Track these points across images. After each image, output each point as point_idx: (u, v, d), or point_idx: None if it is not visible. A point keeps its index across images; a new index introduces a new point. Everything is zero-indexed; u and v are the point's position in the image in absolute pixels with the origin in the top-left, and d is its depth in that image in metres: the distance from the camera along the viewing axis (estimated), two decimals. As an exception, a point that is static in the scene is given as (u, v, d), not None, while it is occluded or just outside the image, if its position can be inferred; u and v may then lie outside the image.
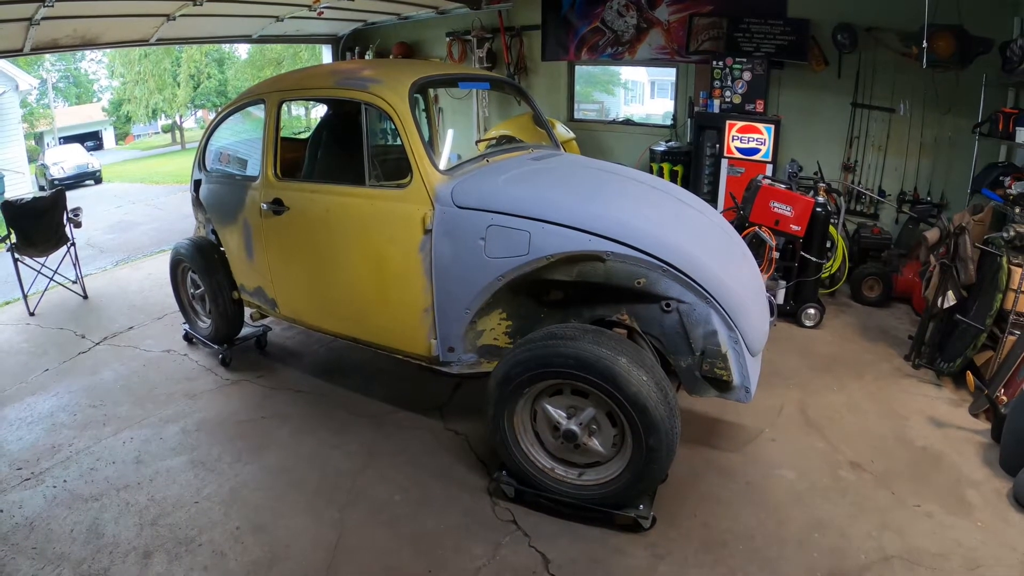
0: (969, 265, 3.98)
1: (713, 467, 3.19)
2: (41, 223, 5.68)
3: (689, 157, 6.64)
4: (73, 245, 5.92)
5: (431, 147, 3.23)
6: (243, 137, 4.27)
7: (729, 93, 6.18)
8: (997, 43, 4.82)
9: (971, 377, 3.76)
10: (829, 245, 4.93)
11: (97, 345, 4.87)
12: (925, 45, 4.68)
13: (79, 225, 5.92)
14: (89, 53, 30.07)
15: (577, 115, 8.39)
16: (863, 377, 4.09)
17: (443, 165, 3.12)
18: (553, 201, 2.80)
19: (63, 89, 31.84)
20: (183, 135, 31.38)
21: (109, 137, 33.27)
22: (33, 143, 25.22)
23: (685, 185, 6.36)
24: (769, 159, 5.93)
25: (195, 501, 3.02)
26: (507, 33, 8.03)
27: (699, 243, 2.79)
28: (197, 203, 4.38)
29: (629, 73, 17.40)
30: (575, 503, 2.78)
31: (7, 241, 5.58)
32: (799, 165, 5.79)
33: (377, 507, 2.96)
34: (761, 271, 3.87)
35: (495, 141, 4.50)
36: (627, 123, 8.19)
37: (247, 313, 4.29)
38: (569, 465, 2.82)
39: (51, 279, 5.81)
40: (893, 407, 3.73)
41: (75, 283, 6.01)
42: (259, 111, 3.78)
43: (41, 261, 5.76)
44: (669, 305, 2.64)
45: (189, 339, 4.77)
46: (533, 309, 3.02)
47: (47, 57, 26.55)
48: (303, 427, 3.64)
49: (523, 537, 2.74)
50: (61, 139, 26.47)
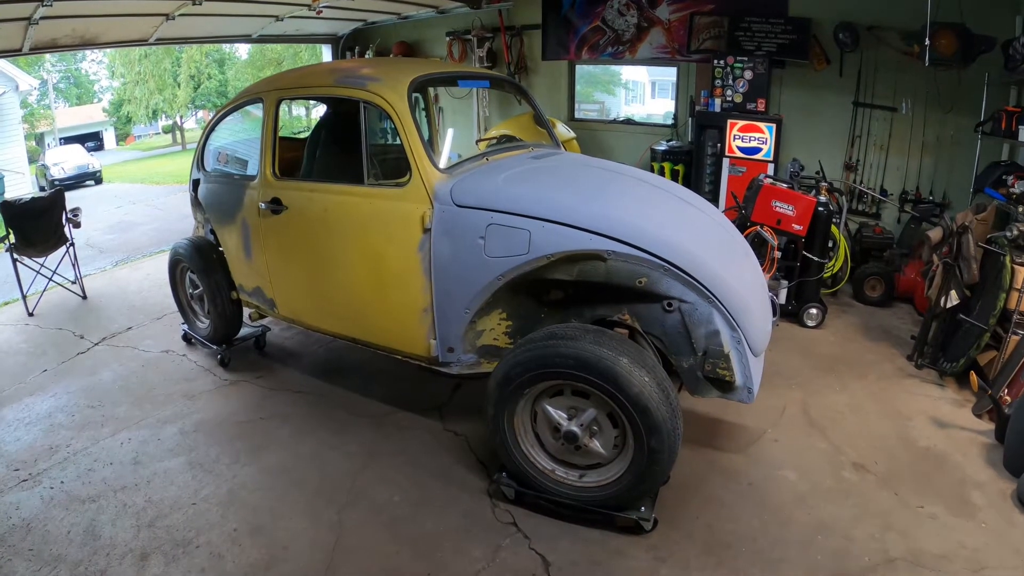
0: (972, 264, 3.96)
1: (715, 468, 3.17)
2: (40, 223, 5.68)
3: (690, 156, 6.61)
4: (72, 245, 5.91)
5: (431, 146, 3.21)
6: (242, 137, 4.26)
7: (730, 92, 6.15)
8: (999, 41, 4.79)
9: (974, 377, 3.74)
10: (831, 245, 4.91)
11: (96, 345, 4.86)
12: (927, 43, 4.66)
13: (78, 225, 5.91)
14: (89, 54, 30.15)
15: (578, 115, 8.37)
16: (866, 377, 4.07)
17: (443, 164, 3.10)
18: (553, 200, 2.78)
19: (63, 90, 31.90)
20: (183, 135, 31.42)
21: (110, 138, 33.32)
22: (34, 144, 25.26)
23: (686, 184, 6.32)
24: (771, 158, 5.91)
25: (193, 502, 3.00)
26: (507, 32, 8.01)
27: (701, 242, 2.77)
28: (196, 203, 4.36)
29: (630, 73, 17.39)
30: (576, 505, 2.76)
31: (6, 241, 5.57)
32: (801, 164, 5.76)
33: (376, 508, 2.95)
34: (763, 271, 3.85)
35: (495, 140, 4.47)
36: (628, 122, 8.17)
37: (246, 313, 4.28)
38: (570, 467, 2.80)
39: (50, 279, 5.80)
40: (896, 407, 3.70)
41: (74, 283, 6.00)
42: (257, 110, 3.76)
43: (40, 261, 5.75)
44: (671, 305, 2.62)
45: (188, 339, 4.75)
46: (533, 309, 3.00)
47: (47, 57, 26.59)
48: (302, 428, 3.62)
49: (523, 539, 2.72)
50: (62, 140, 26.52)
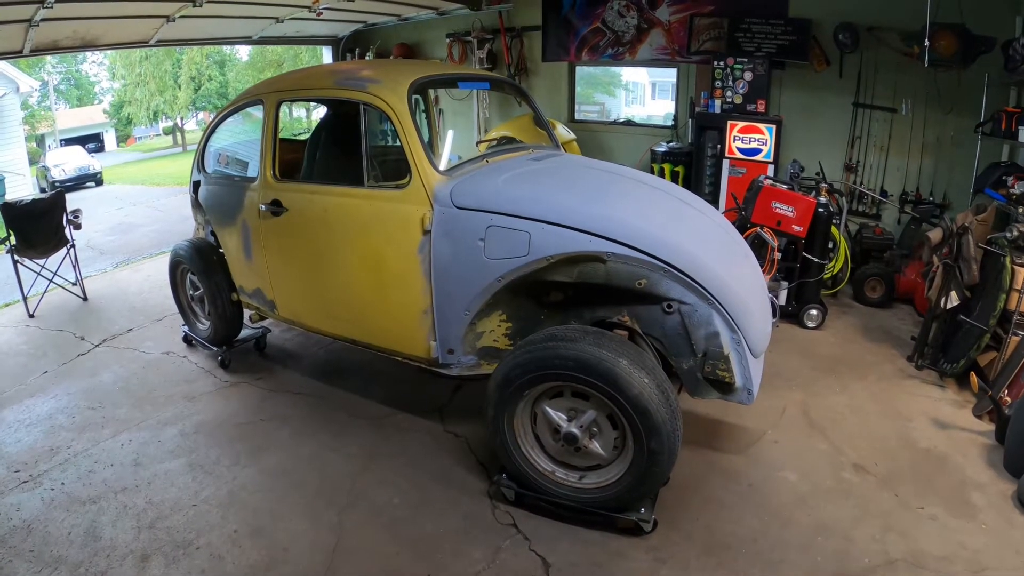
0: (972, 265, 3.96)
1: (715, 469, 3.16)
2: (41, 225, 5.68)
3: (690, 158, 6.61)
4: (73, 247, 5.91)
5: (431, 148, 3.22)
6: (242, 138, 4.26)
7: (730, 93, 6.16)
8: (999, 42, 4.79)
9: (975, 378, 3.74)
10: (831, 246, 4.91)
11: (96, 347, 4.86)
12: (927, 44, 4.66)
13: (79, 227, 5.92)
14: (90, 55, 30.19)
15: (578, 116, 8.37)
16: (866, 378, 4.06)
17: (443, 166, 3.10)
18: (553, 201, 2.78)
19: (64, 91, 31.94)
20: (184, 137, 31.45)
21: (110, 139, 33.36)
22: (34, 145, 25.28)
23: (686, 186, 6.33)
24: (771, 159, 5.91)
25: (193, 504, 3.00)
26: (507, 34, 8.01)
27: (701, 244, 2.77)
28: (196, 205, 4.36)
29: (630, 74, 17.38)
30: (576, 506, 2.76)
31: (7, 243, 5.58)
32: (801, 165, 5.76)
33: (376, 510, 2.95)
34: (763, 272, 3.85)
35: (495, 142, 4.48)
36: (628, 124, 8.17)
37: (246, 315, 4.28)
38: (570, 468, 2.79)
39: (51, 281, 5.80)
40: (896, 408, 3.70)
41: (75, 285, 6.00)
42: (258, 112, 3.77)
43: (41, 263, 5.75)
44: (671, 306, 2.62)
45: (188, 341, 4.75)
46: (533, 310, 3.00)
47: (48, 59, 26.61)
48: (302, 429, 3.62)
49: (523, 541, 2.72)
50: (62, 141, 26.54)
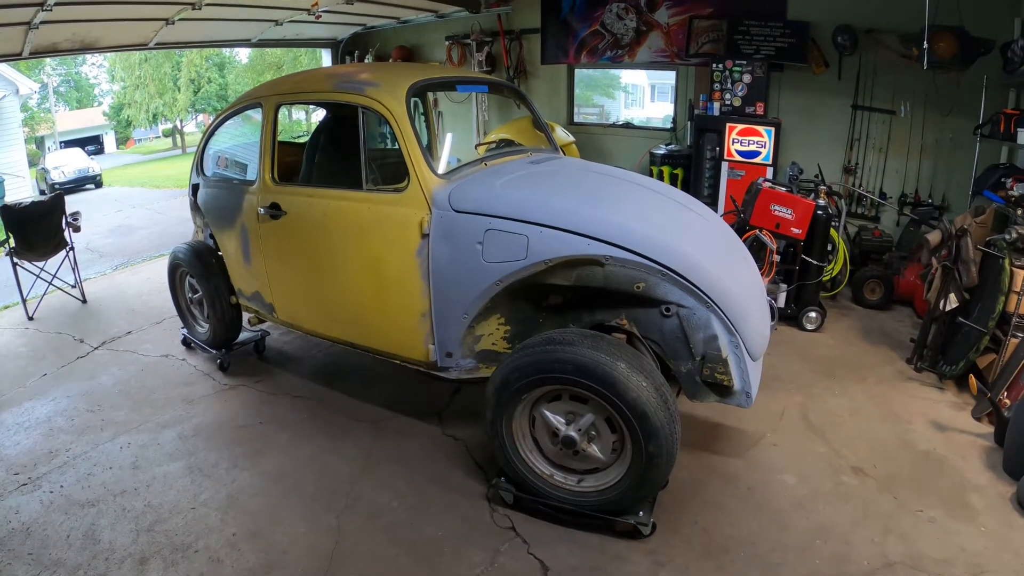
0: (971, 267, 3.96)
1: (714, 472, 3.16)
2: (40, 227, 5.69)
3: (689, 160, 6.62)
4: (72, 249, 5.91)
5: (430, 151, 3.21)
6: (241, 141, 4.26)
7: (729, 96, 6.16)
8: (998, 44, 4.80)
9: (974, 380, 3.75)
10: (830, 248, 4.91)
11: (95, 350, 4.86)
12: (926, 46, 4.67)
13: (78, 229, 5.92)
14: (90, 57, 30.21)
15: (577, 118, 8.38)
16: (865, 381, 4.06)
17: (442, 169, 3.10)
18: (551, 205, 2.78)
19: (64, 93, 31.98)
20: (184, 139, 31.48)
21: (110, 141, 33.38)
22: (34, 147, 25.29)
23: (685, 188, 6.35)
24: (769, 162, 5.92)
25: (192, 507, 3.00)
26: (507, 36, 8.02)
27: (699, 247, 2.76)
28: (195, 207, 4.36)
29: (629, 76, 17.36)
30: (574, 509, 2.75)
31: (6, 245, 5.58)
32: (800, 168, 5.76)
33: (375, 513, 2.94)
34: (762, 274, 3.85)
35: (494, 145, 4.48)
36: (627, 126, 8.17)
37: (245, 318, 4.28)
38: (568, 471, 2.79)
39: (50, 283, 5.80)
40: (895, 411, 3.70)
41: (74, 287, 6.00)
42: (257, 115, 3.77)
43: (40, 265, 5.75)
44: (669, 309, 2.62)
45: (187, 344, 4.75)
46: (532, 314, 3.00)
47: (48, 61, 26.62)
48: (301, 432, 3.62)
49: (522, 544, 2.71)
50: (62, 143, 26.57)
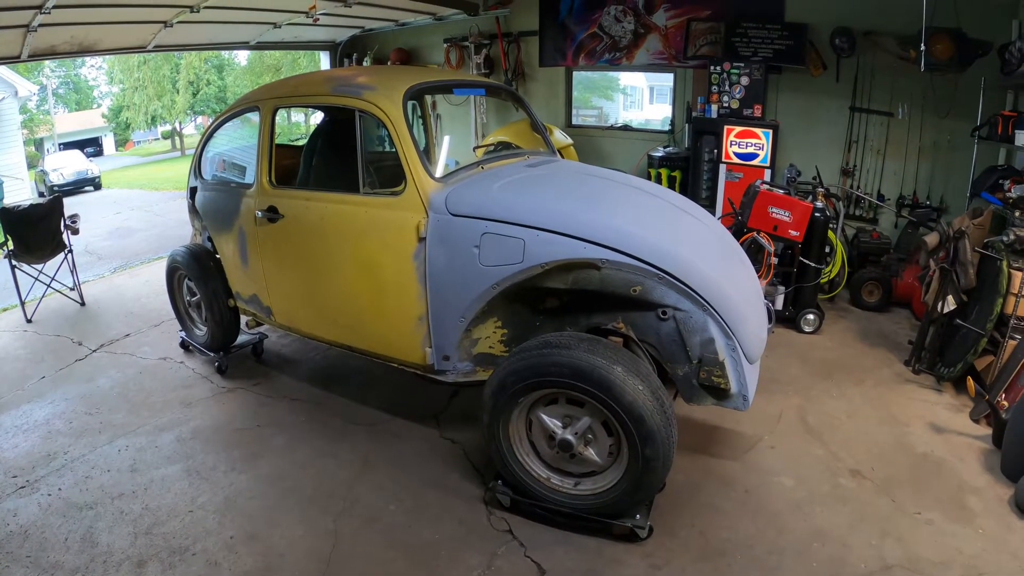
0: (969, 269, 3.96)
1: (711, 475, 3.16)
2: (38, 230, 5.68)
3: (687, 162, 6.62)
4: (71, 252, 5.91)
5: (427, 154, 3.22)
6: (239, 144, 4.26)
7: (727, 98, 6.17)
8: (996, 46, 4.81)
9: (972, 382, 3.75)
10: (828, 250, 4.91)
11: (94, 352, 4.86)
12: (923, 48, 4.67)
13: (76, 232, 5.92)
14: (89, 59, 30.18)
15: (575, 121, 8.39)
16: (863, 383, 4.06)
17: (440, 171, 3.10)
18: (548, 208, 2.79)
19: (63, 95, 31.96)
20: (183, 141, 31.48)
21: (109, 143, 33.39)
22: (33, 149, 25.28)
23: (683, 190, 6.36)
24: (767, 164, 5.91)
25: (189, 510, 3.00)
26: (505, 39, 8.02)
27: (696, 250, 2.77)
28: (193, 210, 4.37)
29: (628, 78, 17.39)
30: (571, 513, 2.75)
31: (5, 248, 5.58)
32: (797, 170, 5.77)
33: (372, 516, 2.94)
34: (760, 277, 3.86)
35: (492, 147, 4.48)
36: (625, 129, 8.18)
37: (243, 321, 4.28)
38: (565, 474, 2.79)
39: (48, 286, 5.80)
40: (893, 413, 3.70)
41: (72, 290, 6.00)
42: (255, 117, 3.77)
43: (39, 268, 5.75)
44: (665, 313, 2.62)
45: (185, 346, 4.75)
46: (528, 317, 3.00)
47: (46, 63, 26.62)
48: (298, 435, 3.62)
49: (519, 547, 2.72)
50: (61, 145, 26.58)
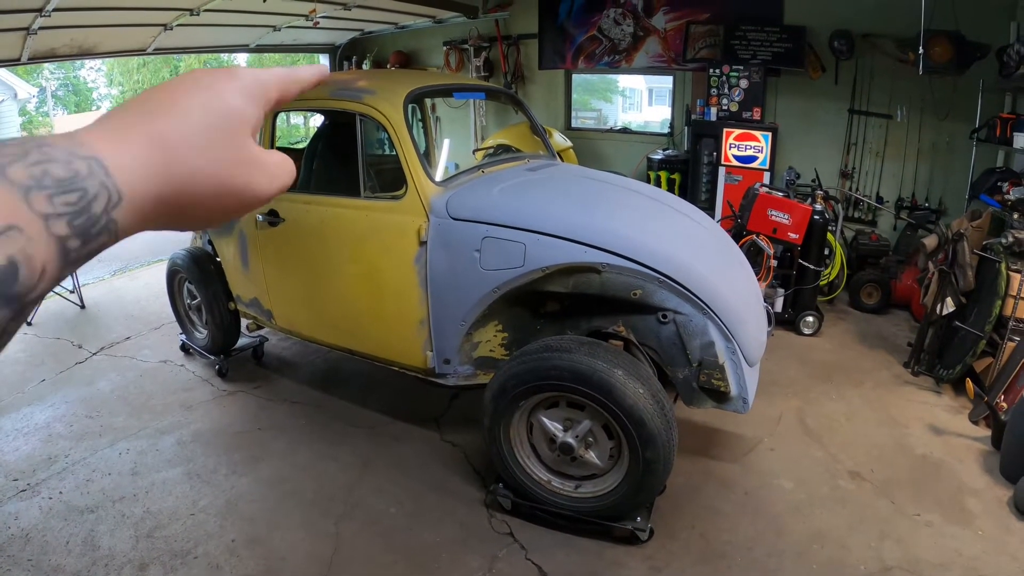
0: (968, 271, 3.98)
1: (711, 478, 3.17)
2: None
3: (686, 165, 6.63)
4: (70, 255, 5.90)
5: (427, 157, 3.22)
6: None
7: (726, 101, 6.18)
8: (994, 48, 4.83)
9: (971, 384, 3.76)
10: (827, 252, 4.92)
11: (94, 355, 4.86)
12: (922, 51, 4.69)
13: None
14: (88, 61, 30.19)
15: (575, 123, 8.39)
16: (862, 385, 4.07)
17: (440, 174, 3.11)
18: (548, 213, 2.80)
19: (62, 97, 31.93)
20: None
21: (109, 145, 33.33)
22: (33, 151, 25.27)
23: (683, 193, 6.37)
24: (766, 167, 5.93)
25: (191, 513, 3.00)
26: (504, 42, 8.04)
27: (695, 254, 2.78)
28: (193, 213, 4.36)
29: (627, 80, 17.38)
30: (572, 515, 2.76)
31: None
32: (796, 173, 5.79)
33: (373, 519, 2.95)
34: (759, 279, 3.86)
35: (492, 151, 4.49)
36: (624, 131, 8.19)
37: (243, 324, 4.28)
38: (566, 477, 2.80)
39: (48, 289, 5.79)
40: (892, 415, 3.71)
41: (72, 293, 6.00)
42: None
43: (38, 271, 5.74)
44: (666, 316, 2.63)
45: (186, 349, 4.75)
46: (529, 321, 3.01)
47: (46, 65, 26.63)
48: (299, 438, 3.62)
49: (520, 550, 2.72)
50: (60, 148, 26.51)
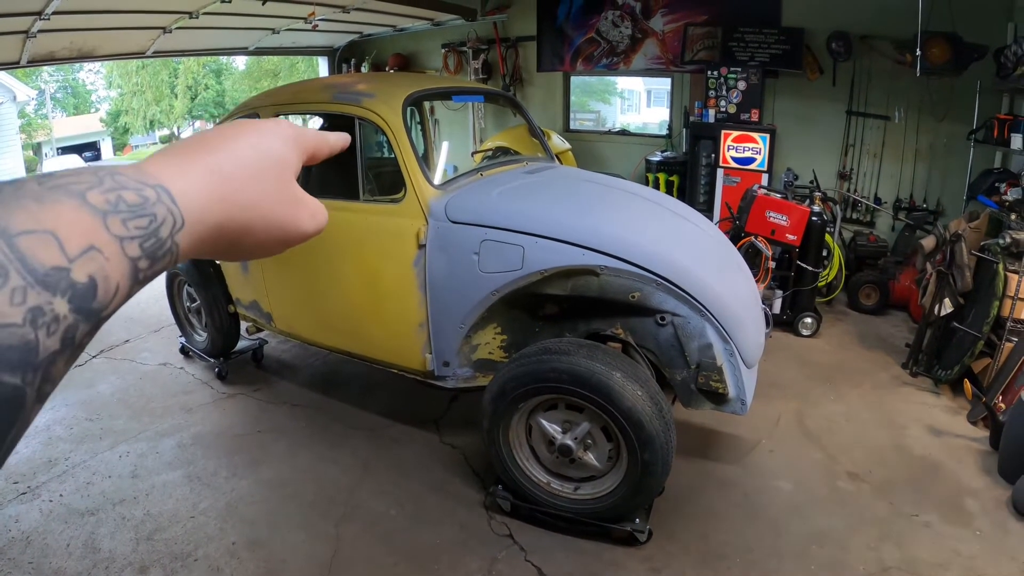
0: (966, 272, 3.99)
1: (710, 479, 3.18)
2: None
3: (685, 167, 6.64)
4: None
5: (426, 160, 3.23)
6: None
7: (724, 103, 6.20)
8: (991, 49, 4.85)
9: (969, 385, 3.77)
10: (825, 254, 4.94)
11: (94, 358, 4.86)
12: (919, 52, 4.70)
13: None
14: (87, 64, 30.18)
15: (573, 125, 8.40)
16: (861, 386, 4.08)
17: (439, 177, 3.12)
18: (546, 215, 2.81)
19: (61, 99, 31.89)
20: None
21: (107, 148, 33.29)
22: (31, 154, 25.24)
23: (681, 195, 6.39)
24: (764, 168, 5.94)
25: (191, 516, 3.01)
26: (503, 44, 8.04)
27: (693, 256, 2.79)
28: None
29: (625, 82, 17.41)
30: (571, 517, 2.77)
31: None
32: (795, 174, 5.80)
33: (373, 521, 2.95)
34: (757, 281, 3.87)
35: (491, 153, 4.50)
36: (623, 133, 8.21)
37: (243, 326, 4.29)
38: (565, 479, 2.81)
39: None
40: (891, 416, 3.72)
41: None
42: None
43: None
44: (664, 318, 2.64)
45: (186, 352, 4.75)
46: (528, 323, 3.01)
47: (45, 67, 26.63)
48: (299, 441, 3.63)
49: (519, 551, 2.73)
50: (59, 150, 26.52)
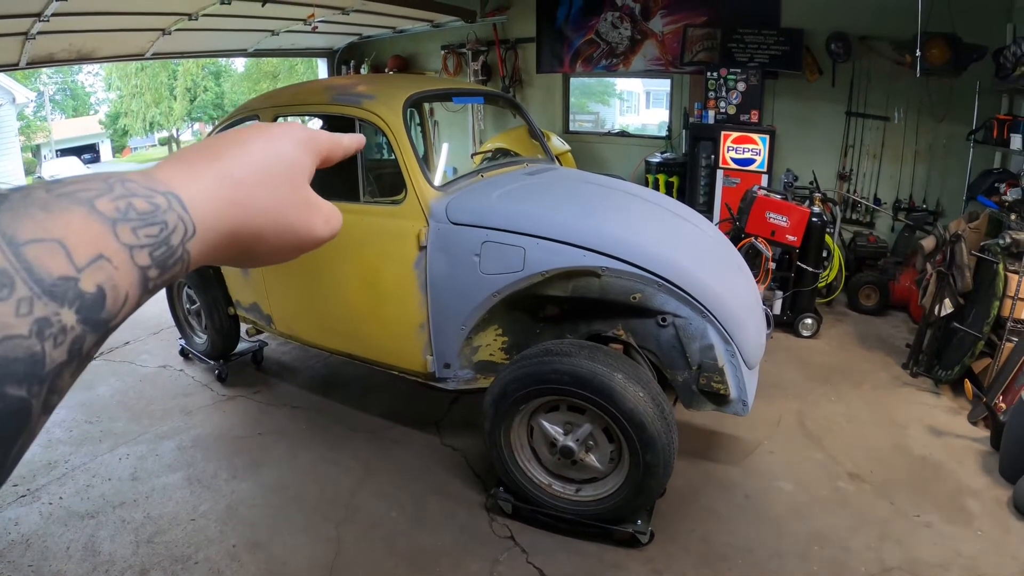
0: (966, 272, 3.99)
1: (711, 480, 3.18)
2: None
3: (684, 168, 6.65)
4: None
5: (426, 162, 3.23)
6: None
7: (724, 104, 6.20)
8: (991, 50, 4.85)
9: (969, 385, 3.77)
10: (825, 254, 4.94)
11: (93, 360, 4.84)
12: (919, 53, 4.71)
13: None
14: (86, 66, 30.17)
15: (572, 126, 8.41)
16: (861, 386, 4.08)
17: (438, 180, 3.12)
18: (547, 217, 2.81)
19: (60, 102, 31.87)
20: (180, 148, 31.38)
21: (106, 150, 33.27)
22: (30, 156, 25.23)
23: (680, 196, 6.39)
24: (764, 169, 5.95)
25: (191, 518, 3.00)
26: (502, 46, 8.05)
27: (694, 257, 2.79)
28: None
29: (624, 83, 17.43)
30: (573, 519, 2.76)
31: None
32: (794, 175, 5.81)
33: (374, 523, 2.95)
34: (757, 282, 3.87)
35: (491, 154, 4.50)
36: (622, 134, 8.21)
37: (243, 329, 4.28)
38: (566, 481, 2.80)
39: (47, 295, 5.79)
40: (891, 416, 3.72)
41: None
42: (255, 126, 3.77)
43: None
44: (665, 319, 2.63)
45: (185, 354, 4.75)
46: (529, 325, 3.01)
47: (44, 70, 26.62)
48: (299, 443, 3.63)
49: (520, 553, 2.73)
50: (58, 152, 26.49)
